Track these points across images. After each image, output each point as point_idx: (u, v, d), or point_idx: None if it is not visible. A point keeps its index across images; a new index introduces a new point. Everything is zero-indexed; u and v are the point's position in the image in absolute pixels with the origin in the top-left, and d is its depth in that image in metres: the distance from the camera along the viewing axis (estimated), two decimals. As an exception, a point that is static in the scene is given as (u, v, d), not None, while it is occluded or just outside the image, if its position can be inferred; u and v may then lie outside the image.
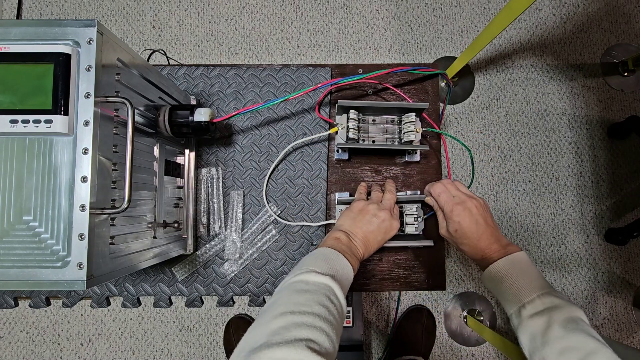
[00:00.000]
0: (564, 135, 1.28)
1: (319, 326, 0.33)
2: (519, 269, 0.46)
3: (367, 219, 0.51)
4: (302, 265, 0.42)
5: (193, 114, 0.51)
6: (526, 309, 0.43)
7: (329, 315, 0.36)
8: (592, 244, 1.25)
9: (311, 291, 0.38)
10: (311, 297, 0.37)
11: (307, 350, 0.30)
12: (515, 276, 0.46)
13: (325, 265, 0.42)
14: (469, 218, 0.50)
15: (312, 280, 0.39)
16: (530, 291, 0.44)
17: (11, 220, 0.34)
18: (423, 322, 1.16)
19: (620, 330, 1.22)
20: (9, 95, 0.34)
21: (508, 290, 0.45)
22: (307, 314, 0.34)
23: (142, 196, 0.46)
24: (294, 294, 0.38)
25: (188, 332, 1.20)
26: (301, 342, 0.30)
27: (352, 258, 0.46)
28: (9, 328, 1.20)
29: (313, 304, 0.36)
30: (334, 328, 0.35)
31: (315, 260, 0.43)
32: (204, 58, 1.30)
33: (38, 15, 1.32)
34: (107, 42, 0.36)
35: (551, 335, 0.39)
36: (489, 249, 0.49)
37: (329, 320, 0.35)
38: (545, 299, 0.43)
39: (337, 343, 0.35)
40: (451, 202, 0.52)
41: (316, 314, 0.34)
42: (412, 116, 0.58)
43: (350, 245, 0.49)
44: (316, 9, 1.33)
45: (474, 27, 1.32)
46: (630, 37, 1.31)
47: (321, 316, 0.35)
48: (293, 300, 0.37)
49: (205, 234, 0.62)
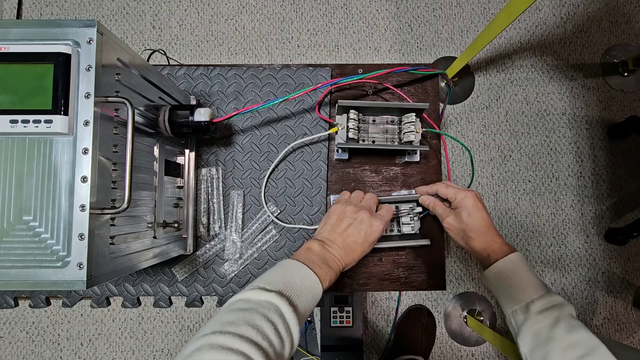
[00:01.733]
0: (564, 135, 1.28)
1: (236, 348, 0.31)
2: (524, 267, 0.47)
3: (346, 223, 0.49)
4: (254, 282, 0.41)
5: (193, 114, 0.51)
6: (535, 305, 0.44)
7: (256, 337, 0.33)
8: (592, 244, 1.25)
9: (247, 310, 0.36)
10: (242, 316, 0.35)
11: None
12: (522, 273, 0.47)
13: (279, 280, 0.40)
14: (480, 203, 0.52)
15: (253, 299, 0.37)
16: (538, 289, 0.45)
17: (11, 220, 0.34)
18: (423, 322, 1.16)
19: (620, 330, 1.22)
20: (9, 95, 0.34)
21: (516, 287, 0.46)
22: (227, 333, 0.32)
23: (142, 196, 0.46)
24: (227, 313, 0.36)
25: (188, 332, 1.20)
26: None
27: (322, 269, 0.44)
28: (9, 328, 1.20)
29: (241, 323, 0.34)
30: (261, 350, 0.32)
31: (269, 275, 0.42)
32: (204, 58, 1.30)
33: (38, 15, 1.32)
34: (107, 42, 0.36)
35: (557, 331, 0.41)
36: (494, 242, 0.50)
37: (255, 342, 0.32)
38: (552, 296, 0.44)
39: None
40: (462, 190, 0.53)
41: (238, 335, 0.32)
42: (412, 116, 0.58)
43: (324, 255, 0.46)
44: (316, 9, 1.33)
45: (474, 27, 1.32)
46: (630, 37, 1.31)
47: (244, 337, 0.32)
48: (222, 319, 0.35)
49: (205, 234, 0.62)
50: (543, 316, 0.42)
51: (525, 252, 1.24)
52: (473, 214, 0.51)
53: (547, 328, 0.41)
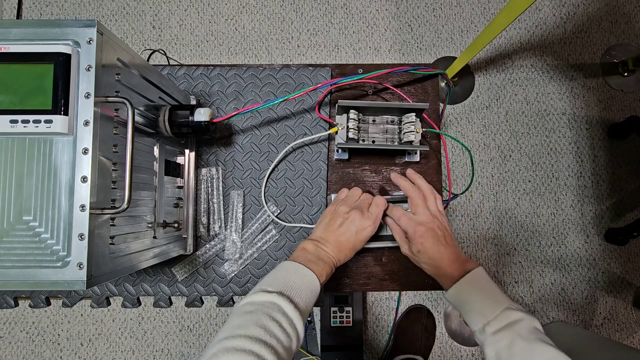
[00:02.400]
0: (564, 135, 1.28)
1: (248, 349, 0.34)
2: (479, 287, 0.47)
3: (339, 223, 0.52)
4: (256, 286, 0.44)
5: (193, 114, 0.51)
6: (490, 326, 0.44)
7: (264, 336, 0.36)
8: (592, 244, 1.25)
9: (253, 312, 0.39)
10: (250, 318, 0.38)
11: None
12: (476, 295, 0.47)
13: (278, 281, 0.43)
14: (431, 238, 0.50)
15: (257, 301, 0.41)
16: (492, 308, 0.45)
17: (11, 220, 0.34)
18: (423, 322, 1.16)
19: (620, 330, 1.22)
20: (9, 95, 0.34)
21: (472, 309, 0.46)
22: (239, 336, 0.35)
23: (142, 196, 0.46)
24: (236, 317, 0.39)
25: (188, 332, 1.20)
26: None
27: (317, 265, 0.47)
28: (9, 328, 1.20)
29: (250, 325, 0.37)
30: (270, 347, 0.35)
31: (269, 278, 0.45)
32: (204, 58, 1.30)
33: (38, 15, 1.32)
34: (107, 42, 0.36)
35: (516, 349, 0.41)
36: (449, 267, 0.50)
37: (263, 341, 0.36)
38: (507, 314, 0.44)
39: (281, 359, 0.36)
40: (412, 223, 0.52)
41: (248, 336, 0.35)
42: (412, 116, 0.58)
43: (318, 253, 0.49)
44: (316, 9, 1.33)
45: (474, 27, 1.32)
46: (630, 37, 1.31)
47: (254, 337, 0.35)
48: (233, 323, 0.38)
49: (205, 234, 0.62)
50: (499, 337, 0.42)
51: (525, 252, 1.24)
52: (423, 251, 0.51)
53: (505, 349, 0.41)
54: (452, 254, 0.50)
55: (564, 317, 1.22)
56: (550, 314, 1.22)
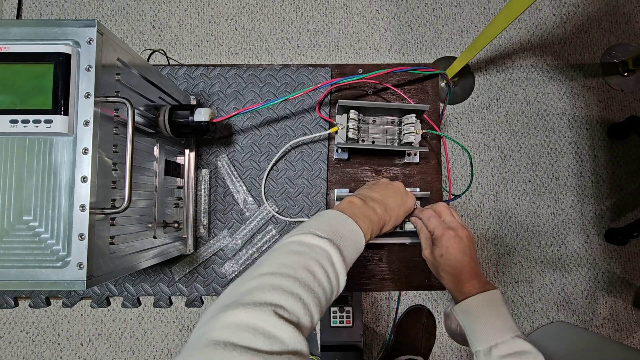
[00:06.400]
0: (564, 135, 1.28)
1: (296, 293, 0.32)
2: (495, 308, 0.45)
3: (384, 186, 0.50)
4: (303, 227, 0.40)
5: (193, 114, 0.51)
6: (498, 349, 0.42)
7: (312, 282, 0.34)
8: (592, 244, 1.25)
9: (302, 253, 0.36)
10: (298, 260, 0.35)
11: (274, 315, 0.28)
12: (491, 314, 0.45)
13: (328, 229, 0.40)
14: (457, 245, 0.48)
15: (306, 242, 0.37)
16: (504, 332, 0.43)
17: (11, 220, 0.34)
18: (423, 322, 1.16)
19: (620, 330, 1.22)
20: (9, 95, 0.34)
21: (482, 327, 0.44)
22: (287, 276, 0.33)
23: (142, 196, 0.46)
24: (282, 254, 0.36)
25: (188, 332, 1.20)
26: (269, 306, 0.29)
27: (364, 222, 0.44)
28: (9, 328, 1.20)
29: (298, 267, 0.34)
30: (316, 296, 0.33)
31: (317, 223, 0.41)
32: (204, 58, 1.30)
33: (38, 15, 1.32)
34: (107, 42, 0.36)
35: None
36: (469, 282, 0.47)
37: (311, 288, 0.33)
38: (517, 342, 0.42)
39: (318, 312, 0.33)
40: (442, 226, 0.50)
41: (297, 279, 0.33)
42: (412, 117, 0.58)
43: (365, 209, 0.46)
44: (316, 9, 1.33)
45: (474, 27, 1.32)
46: (630, 37, 1.31)
47: (302, 282, 0.33)
48: (279, 260, 0.35)
49: (205, 234, 0.62)
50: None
51: (525, 252, 1.24)
52: (446, 256, 0.48)
53: None
54: (473, 268, 0.48)
55: (564, 317, 1.22)
56: (550, 314, 1.22)
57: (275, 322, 0.28)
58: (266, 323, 0.28)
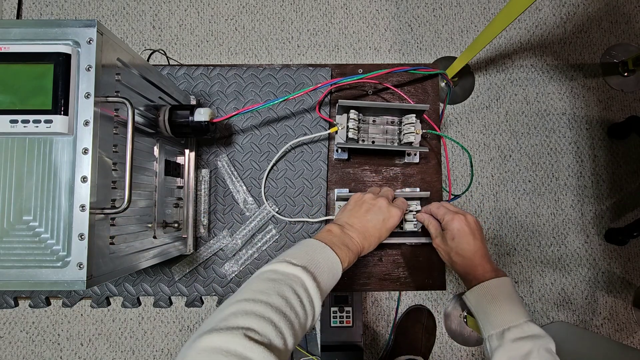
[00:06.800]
0: (564, 135, 1.28)
1: (267, 316, 0.33)
2: (508, 293, 0.47)
3: (365, 209, 0.51)
4: (280, 256, 0.42)
5: (193, 114, 0.51)
6: (511, 332, 0.43)
7: (284, 307, 0.35)
8: (592, 244, 1.25)
9: (276, 280, 0.38)
10: (273, 287, 0.37)
11: (244, 338, 0.30)
12: (504, 299, 0.46)
13: (303, 256, 0.42)
14: (467, 228, 0.50)
15: (281, 270, 0.39)
16: (517, 316, 0.44)
17: (11, 220, 0.34)
18: (423, 322, 1.16)
19: (620, 330, 1.22)
20: (9, 95, 0.34)
21: (495, 311, 0.46)
22: (260, 302, 0.34)
23: (142, 196, 0.46)
24: (259, 282, 0.38)
25: (188, 332, 1.20)
26: (240, 329, 0.31)
27: (342, 250, 0.45)
28: (9, 328, 1.20)
29: (272, 293, 0.36)
30: (289, 320, 0.35)
31: (294, 251, 0.43)
32: (204, 58, 1.30)
33: (38, 15, 1.32)
34: (107, 42, 0.36)
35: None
36: (481, 266, 0.49)
37: (283, 312, 0.35)
38: (530, 326, 0.43)
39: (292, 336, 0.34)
40: (452, 211, 0.52)
41: (269, 304, 0.34)
42: (412, 117, 0.58)
43: (343, 237, 0.47)
44: (316, 9, 1.33)
45: (474, 27, 1.32)
46: (630, 37, 1.31)
47: (274, 306, 0.34)
48: (254, 287, 0.37)
49: (205, 234, 0.62)
50: (517, 345, 0.42)
51: (525, 252, 1.24)
52: (457, 239, 0.50)
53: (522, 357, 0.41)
54: (484, 251, 0.50)
55: (564, 317, 1.22)
56: (550, 314, 1.22)
57: (246, 344, 0.30)
58: (237, 345, 0.30)
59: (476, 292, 0.48)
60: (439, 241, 0.53)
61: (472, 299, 0.49)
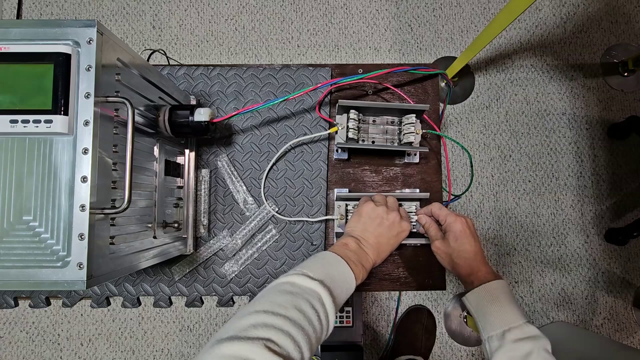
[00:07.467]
0: (564, 135, 1.28)
1: (286, 330, 0.34)
2: (506, 295, 0.48)
3: (378, 223, 0.52)
4: (298, 267, 0.43)
5: (193, 114, 0.51)
6: (512, 333, 0.44)
7: (302, 321, 0.36)
8: (592, 244, 1.25)
9: (294, 294, 0.39)
10: (291, 300, 0.38)
11: (265, 349, 0.31)
12: (504, 301, 0.47)
13: (320, 270, 0.43)
14: (469, 230, 0.52)
15: (299, 284, 0.40)
16: (517, 317, 0.45)
17: (11, 220, 0.34)
18: (423, 322, 1.16)
19: (620, 330, 1.22)
20: (9, 95, 0.34)
21: (496, 313, 0.46)
22: (279, 316, 0.35)
23: (142, 196, 0.46)
24: (277, 294, 0.39)
25: (188, 332, 1.20)
26: (260, 340, 0.32)
27: (356, 266, 0.47)
28: (9, 328, 1.20)
29: (290, 307, 0.37)
30: (306, 334, 0.35)
31: (312, 264, 0.44)
32: (204, 58, 1.30)
33: (38, 15, 1.32)
34: (107, 42, 0.36)
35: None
36: (480, 269, 0.50)
37: (301, 326, 0.36)
38: (530, 327, 0.44)
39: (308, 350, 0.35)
40: (453, 214, 0.53)
41: (288, 317, 0.35)
42: (412, 117, 0.58)
43: (359, 253, 0.49)
44: (316, 9, 1.33)
45: (474, 27, 1.32)
46: (630, 37, 1.31)
47: (293, 320, 0.35)
48: (273, 299, 0.38)
49: (205, 234, 0.62)
50: (517, 345, 0.42)
51: (525, 252, 1.24)
52: (460, 240, 0.51)
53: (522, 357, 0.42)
54: (483, 255, 0.52)
55: (564, 317, 1.22)
56: (550, 314, 1.22)
57: (266, 355, 0.30)
58: (257, 355, 0.30)
59: (477, 293, 0.49)
60: (440, 243, 0.53)
61: (473, 300, 0.49)
